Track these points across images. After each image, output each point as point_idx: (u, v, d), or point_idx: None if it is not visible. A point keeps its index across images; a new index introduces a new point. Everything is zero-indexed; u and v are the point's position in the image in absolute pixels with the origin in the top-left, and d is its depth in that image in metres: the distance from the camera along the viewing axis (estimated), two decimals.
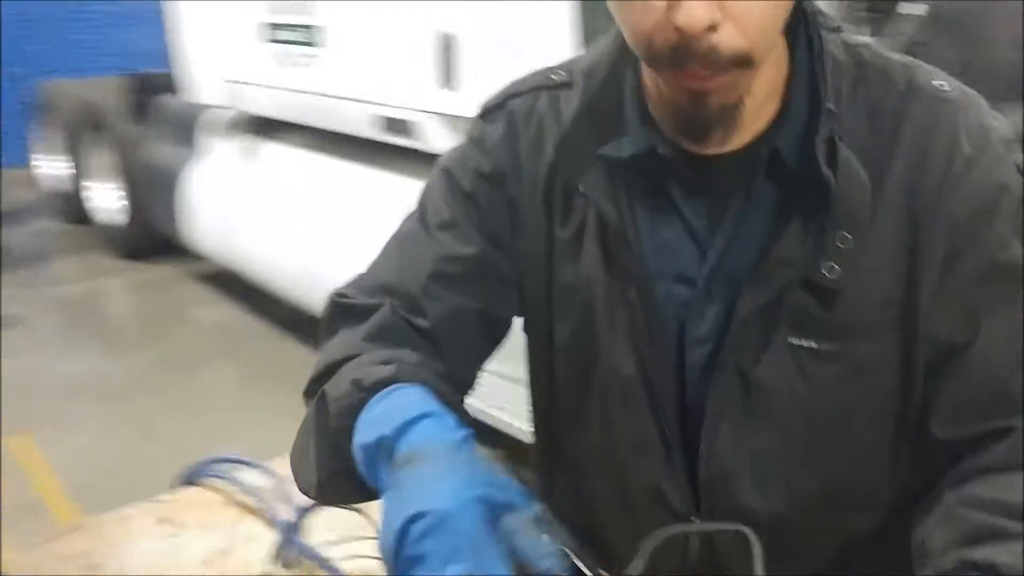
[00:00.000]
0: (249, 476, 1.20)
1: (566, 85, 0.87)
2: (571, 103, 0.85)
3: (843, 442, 0.82)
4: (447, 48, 2.91)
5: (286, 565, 1.02)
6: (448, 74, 2.95)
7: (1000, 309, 0.76)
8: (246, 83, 4.08)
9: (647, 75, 0.81)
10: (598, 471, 0.90)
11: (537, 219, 0.87)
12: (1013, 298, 0.76)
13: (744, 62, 0.70)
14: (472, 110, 0.98)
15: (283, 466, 1.20)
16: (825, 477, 0.83)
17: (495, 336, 0.91)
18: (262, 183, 4.09)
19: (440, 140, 3.10)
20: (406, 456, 0.67)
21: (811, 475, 0.83)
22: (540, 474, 1.01)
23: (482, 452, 0.70)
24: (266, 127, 4.13)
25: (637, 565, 0.72)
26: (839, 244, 0.76)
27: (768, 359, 0.79)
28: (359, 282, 0.91)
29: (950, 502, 0.74)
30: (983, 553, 0.68)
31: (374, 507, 0.85)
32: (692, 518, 0.84)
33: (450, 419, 0.71)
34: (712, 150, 0.79)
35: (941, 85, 0.79)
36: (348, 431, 0.73)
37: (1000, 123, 0.78)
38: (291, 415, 0.88)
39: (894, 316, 0.78)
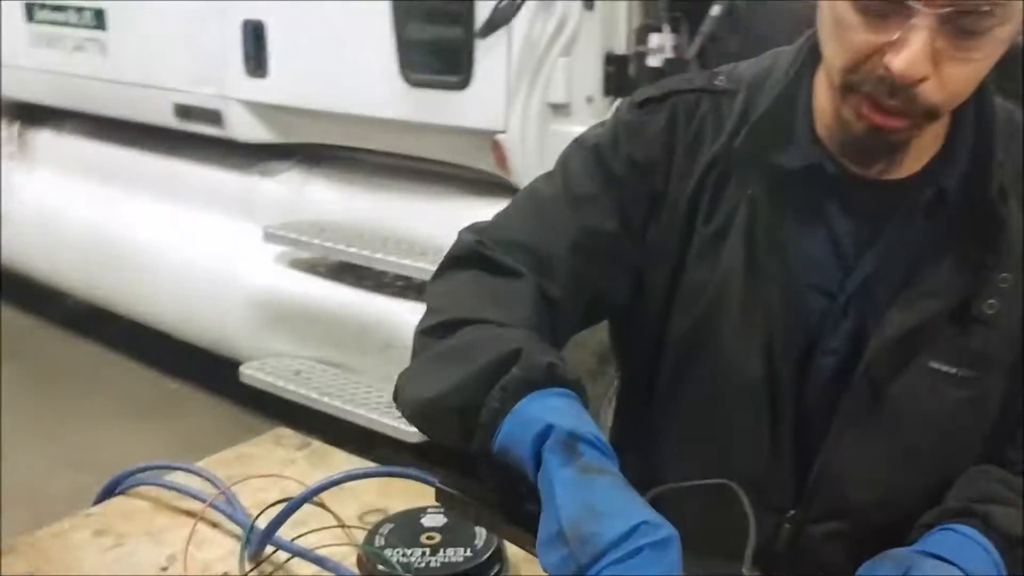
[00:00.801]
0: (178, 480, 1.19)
1: (729, 93, 0.93)
2: (733, 110, 0.91)
3: (952, 454, 0.93)
4: (255, 35, 2.85)
5: (253, 560, 1.03)
6: (256, 62, 2.89)
7: None
8: (15, 67, 3.75)
9: (824, 97, 0.88)
10: (690, 458, 0.96)
11: (679, 215, 0.93)
12: None
13: (933, 115, 0.80)
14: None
15: (215, 466, 1.22)
16: (926, 481, 0.93)
17: (594, 318, 0.99)
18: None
19: (247, 128, 3.05)
20: (600, 467, 0.73)
21: (915, 480, 0.93)
22: (629, 442, 1.04)
23: None
24: (43, 115, 3.83)
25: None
26: (1001, 284, 0.86)
27: (906, 379, 0.89)
28: (496, 232, 0.96)
29: (977, 471, 0.89)
30: (984, 507, 0.83)
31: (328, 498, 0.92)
32: (791, 511, 0.92)
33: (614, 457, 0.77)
34: (873, 175, 0.88)
35: None
36: (519, 394, 0.78)
37: None
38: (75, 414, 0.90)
39: (1016, 354, 0.89)
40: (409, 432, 2.70)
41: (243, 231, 3.13)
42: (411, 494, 1.16)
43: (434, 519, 1.09)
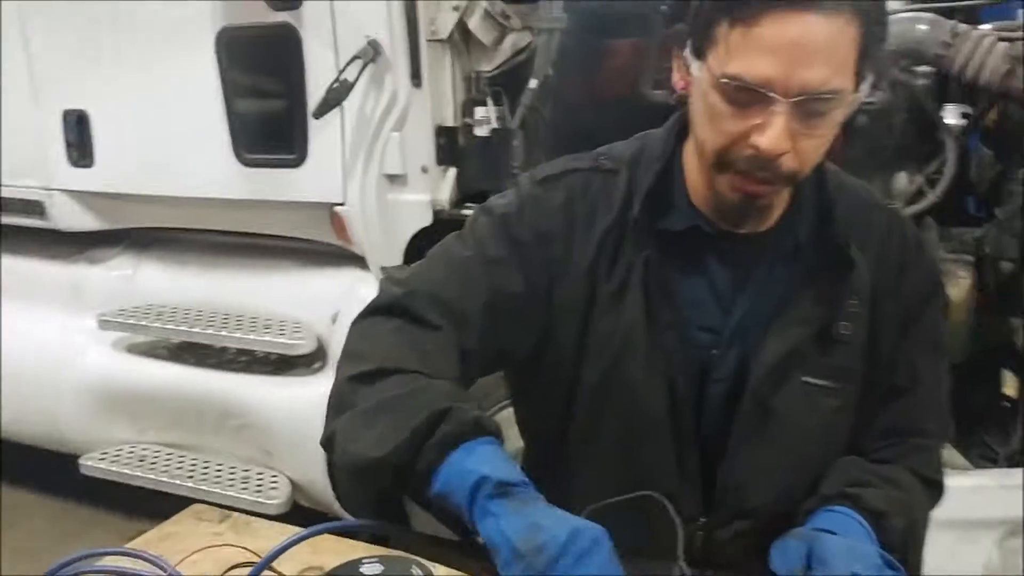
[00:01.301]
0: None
1: (614, 172, 1.11)
2: (618, 186, 1.08)
3: (827, 454, 1.13)
4: (78, 125, 2.84)
5: None
6: (80, 151, 2.87)
7: (932, 369, 1.13)
8: None
9: (695, 170, 1.06)
10: (607, 490, 1.08)
11: (580, 278, 1.08)
12: (940, 362, 1.14)
13: (791, 180, 0.99)
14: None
15: (143, 547, 1.26)
16: (810, 478, 1.11)
17: (499, 368, 1.15)
18: None
19: (72, 217, 3.00)
20: (534, 498, 0.91)
21: (803, 478, 1.12)
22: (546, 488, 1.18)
23: None
24: None
25: None
26: (850, 309, 1.07)
27: (785, 393, 1.07)
28: (418, 286, 1.08)
29: (844, 462, 1.10)
30: (855, 491, 1.03)
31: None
32: (701, 519, 1.08)
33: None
34: (742, 232, 1.06)
35: (889, 202, 1.15)
36: (449, 448, 0.93)
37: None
38: None
39: (863, 365, 1.10)
40: (269, 505, 2.73)
41: (73, 321, 3.06)
42: (341, 550, 1.26)
43: (372, 568, 1.19)
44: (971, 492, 2.13)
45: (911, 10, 2.35)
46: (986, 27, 2.36)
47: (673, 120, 1.11)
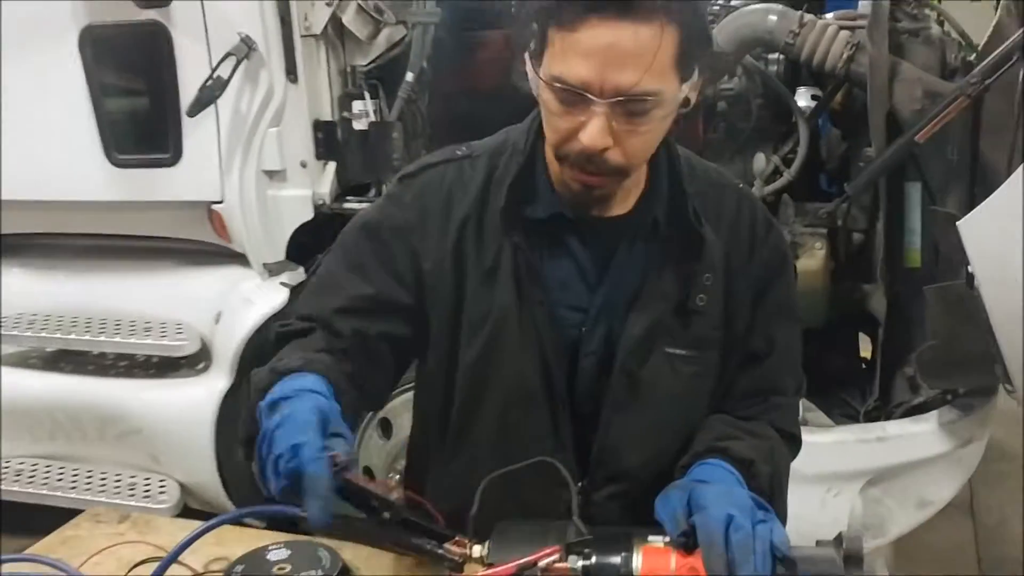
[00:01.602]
0: None
1: (468, 157, 1.18)
2: (476, 172, 1.15)
3: (691, 416, 1.21)
4: None
5: None
6: None
7: (784, 334, 1.22)
8: None
9: (553, 163, 1.12)
10: (494, 456, 1.16)
11: (446, 262, 1.15)
12: (791, 327, 1.24)
13: (622, 173, 1.07)
14: None
15: (44, 552, 1.26)
16: (678, 440, 1.20)
17: (401, 356, 1.20)
18: None
19: None
20: (275, 405, 0.98)
21: (671, 440, 1.20)
22: (432, 463, 1.28)
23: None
24: None
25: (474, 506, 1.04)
26: (705, 282, 1.15)
27: (650, 363, 1.15)
28: (294, 310, 1.18)
29: (712, 420, 1.20)
30: (723, 444, 1.13)
31: None
32: (578, 484, 1.13)
33: (325, 388, 1.01)
34: (600, 215, 1.13)
35: (738, 183, 1.23)
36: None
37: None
38: None
39: (721, 333, 1.18)
40: (159, 509, 2.69)
41: None
42: (246, 540, 1.29)
43: (278, 553, 1.23)
44: (833, 447, 2.31)
45: (763, 1, 2.51)
46: (830, 16, 2.55)
47: (534, 114, 1.17)
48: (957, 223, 1.96)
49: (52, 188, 2.71)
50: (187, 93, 2.45)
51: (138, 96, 2.63)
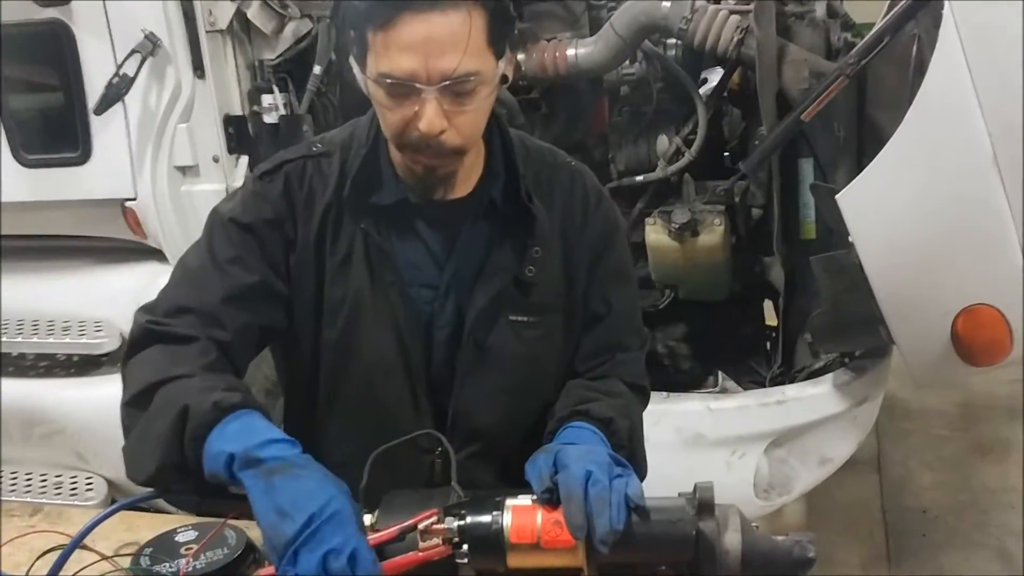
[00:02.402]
0: None
1: (326, 155, 1.24)
2: (332, 167, 1.22)
3: (540, 378, 1.31)
4: None
5: None
6: None
7: (621, 296, 1.32)
8: None
9: (394, 150, 1.19)
10: (360, 425, 1.28)
11: (310, 252, 1.22)
12: (627, 289, 1.34)
13: (459, 152, 1.16)
14: None
15: None
16: (529, 401, 1.31)
17: (265, 344, 1.26)
18: None
19: None
20: (280, 467, 1.00)
21: (524, 401, 1.31)
22: (304, 439, 1.26)
23: None
24: None
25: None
26: (535, 255, 1.25)
27: (496, 331, 1.25)
28: (162, 306, 1.18)
29: (570, 386, 1.29)
30: (583, 407, 1.22)
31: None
32: (438, 448, 1.21)
33: (291, 441, 1.05)
34: (441, 198, 1.21)
35: (571, 160, 1.31)
36: (202, 439, 1.04)
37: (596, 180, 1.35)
38: None
39: (562, 300, 1.28)
40: (87, 507, 2.71)
41: None
42: (155, 525, 1.34)
43: (186, 535, 1.29)
44: (736, 412, 2.43)
45: None
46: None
47: (372, 112, 1.24)
48: (836, 196, 2.08)
49: None
50: (94, 91, 2.45)
51: (44, 95, 2.62)
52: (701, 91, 2.75)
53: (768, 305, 2.96)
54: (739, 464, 2.44)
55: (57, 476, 2.84)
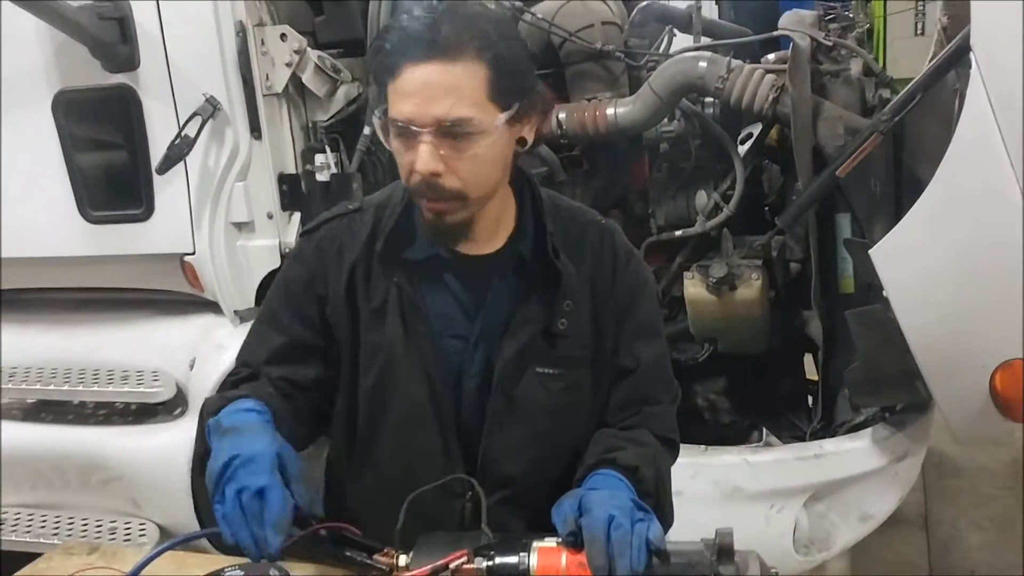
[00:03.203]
0: None
1: (360, 211, 1.35)
2: (364, 223, 1.32)
3: (567, 428, 1.37)
4: None
5: None
6: None
7: (649, 350, 1.37)
8: None
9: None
10: (392, 471, 1.36)
11: (340, 302, 1.32)
12: (656, 343, 1.39)
13: (460, 197, 1.21)
14: None
15: None
16: (557, 450, 1.36)
17: (325, 395, 1.38)
18: None
19: None
20: (232, 428, 1.16)
21: (551, 450, 1.36)
22: (346, 481, 1.44)
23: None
24: None
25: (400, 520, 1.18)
26: (566, 308, 1.31)
27: (524, 382, 1.31)
28: (239, 356, 1.38)
29: (599, 435, 1.34)
30: (610, 455, 1.27)
31: None
32: (468, 493, 1.28)
33: (265, 412, 1.19)
34: (473, 252, 1.29)
35: (601, 219, 1.38)
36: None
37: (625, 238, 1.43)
38: None
39: (590, 353, 1.34)
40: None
41: None
42: (204, 565, 1.40)
43: (234, 573, 1.35)
44: (774, 466, 2.44)
45: (693, 50, 2.68)
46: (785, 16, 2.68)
47: None
48: (869, 251, 2.11)
49: (29, 245, 2.83)
50: (157, 151, 2.58)
51: (110, 155, 2.76)
52: (742, 147, 2.81)
53: (808, 359, 2.98)
54: (777, 518, 2.44)
55: (112, 521, 2.92)
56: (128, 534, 2.88)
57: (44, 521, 2.99)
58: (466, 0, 1.33)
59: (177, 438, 2.78)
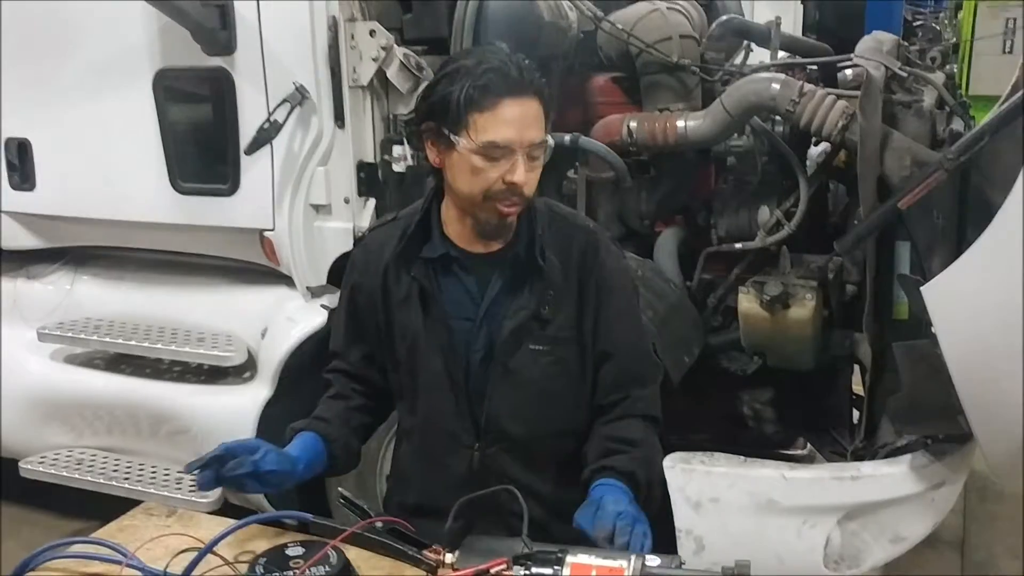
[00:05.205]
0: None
1: (395, 220, 1.74)
2: (396, 230, 1.70)
3: (554, 397, 1.64)
4: (20, 152, 3.04)
5: None
6: (22, 175, 3.08)
7: (626, 336, 1.63)
8: None
9: (452, 213, 1.64)
10: (421, 430, 1.74)
11: (377, 298, 1.70)
12: (632, 330, 1.65)
13: (526, 200, 1.57)
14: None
15: (112, 536, 1.53)
16: (546, 414, 1.65)
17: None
18: None
19: (14, 237, 3.20)
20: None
21: (539, 414, 1.68)
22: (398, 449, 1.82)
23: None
24: None
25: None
26: (548, 297, 1.58)
27: (518, 356, 1.64)
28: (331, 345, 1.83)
29: (595, 435, 1.60)
30: (607, 460, 1.54)
31: None
32: (475, 445, 1.67)
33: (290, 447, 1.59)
34: (479, 251, 1.64)
35: (590, 224, 1.65)
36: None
37: (613, 241, 1.70)
38: None
39: (572, 334, 1.60)
40: (203, 503, 2.97)
41: (14, 334, 3.25)
42: (267, 537, 1.55)
43: (295, 550, 1.49)
44: (810, 483, 2.50)
45: (767, 68, 2.73)
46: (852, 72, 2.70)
47: (431, 188, 1.69)
48: (921, 288, 2.15)
49: (124, 209, 3.03)
50: (246, 132, 2.74)
51: (202, 132, 2.92)
52: (809, 161, 2.85)
53: (856, 372, 3.01)
54: (809, 533, 2.51)
55: (180, 472, 3.12)
56: (193, 486, 3.07)
57: (117, 465, 3.20)
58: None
59: (244, 401, 2.96)
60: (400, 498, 1.80)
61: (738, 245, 2.85)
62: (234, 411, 2.97)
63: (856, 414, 3.03)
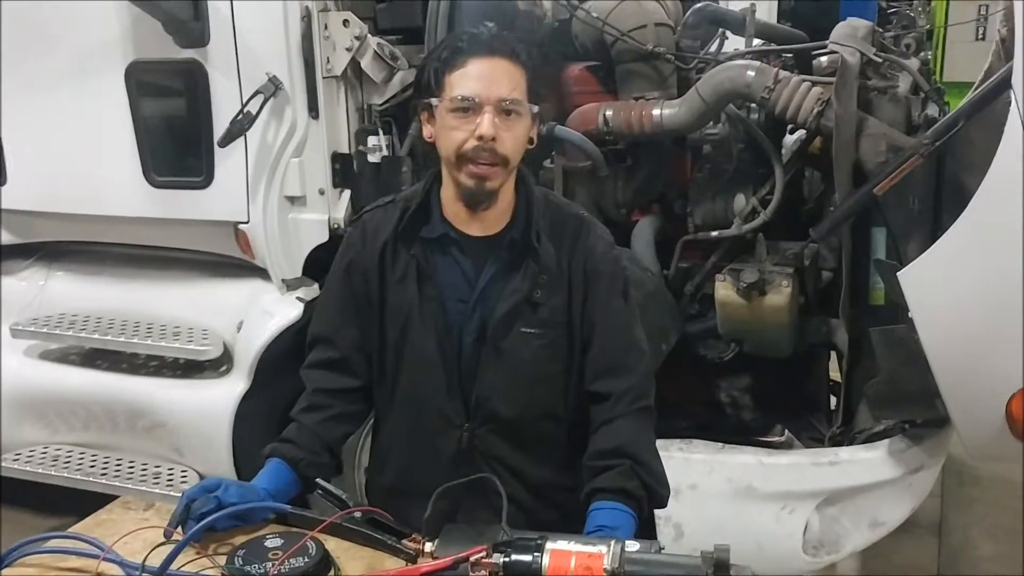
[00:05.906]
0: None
1: (392, 202, 1.71)
2: (395, 211, 1.68)
3: (544, 379, 1.68)
4: None
5: None
6: None
7: (614, 318, 1.63)
8: None
9: (448, 193, 1.62)
10: (408, 410, 1.71)
11: (373, 276, 1.67)
12: (618, 317, 1.64)
13: (505, 163, 1.55)
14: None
15: (90, 530, 1.51)
16: (536, 397, 1.69)
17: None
18: None
19: None
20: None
21: (529, 396, 1.68)
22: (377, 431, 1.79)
23: None
24: None
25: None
26: (541, 281, 1.59)
27: (511, 339, 1.64)
28: (309, 333, 1.79)
29: (592, 453, 1.61)
30: (598, 481, 1.55)
31: None
32: (465, 425, 1.66)
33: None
34: (478, 234, 1.63)
35: (583, 213, 1.65)
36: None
37: (604, 229, 1.72)
38: None
39: (563, 318, 1.60)
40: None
41: None
42: (245, 530, 1.53)
43: (274, 541, 1.48)
44: (788, 469, 2.52)
45: (742, 55, 2.73)
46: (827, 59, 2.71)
47: (431, 172, 1.69)
48: (897, 273, 2.17)
49: (97, 203, 2.99)
50: (220, 124, 2.71)
51: (176, 125, 2.89)
52: (784, 149, 2.86)
53: (833, 358, 3.03)
54: (788, 519, 2.53)
55: (156, 467, 3.10)
56: (171, 480, 3.05)
57: (94, 460, 3.18)
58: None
59: (221, 394, 2.94)
60: (384, 481, 1.79)
61: (714, 233, 2.86)
62: (211, 405, 2.95)
63: (833, 400, 3.06)
